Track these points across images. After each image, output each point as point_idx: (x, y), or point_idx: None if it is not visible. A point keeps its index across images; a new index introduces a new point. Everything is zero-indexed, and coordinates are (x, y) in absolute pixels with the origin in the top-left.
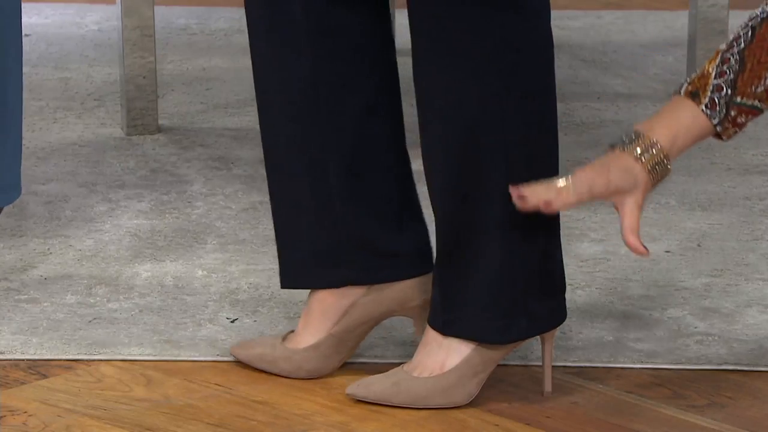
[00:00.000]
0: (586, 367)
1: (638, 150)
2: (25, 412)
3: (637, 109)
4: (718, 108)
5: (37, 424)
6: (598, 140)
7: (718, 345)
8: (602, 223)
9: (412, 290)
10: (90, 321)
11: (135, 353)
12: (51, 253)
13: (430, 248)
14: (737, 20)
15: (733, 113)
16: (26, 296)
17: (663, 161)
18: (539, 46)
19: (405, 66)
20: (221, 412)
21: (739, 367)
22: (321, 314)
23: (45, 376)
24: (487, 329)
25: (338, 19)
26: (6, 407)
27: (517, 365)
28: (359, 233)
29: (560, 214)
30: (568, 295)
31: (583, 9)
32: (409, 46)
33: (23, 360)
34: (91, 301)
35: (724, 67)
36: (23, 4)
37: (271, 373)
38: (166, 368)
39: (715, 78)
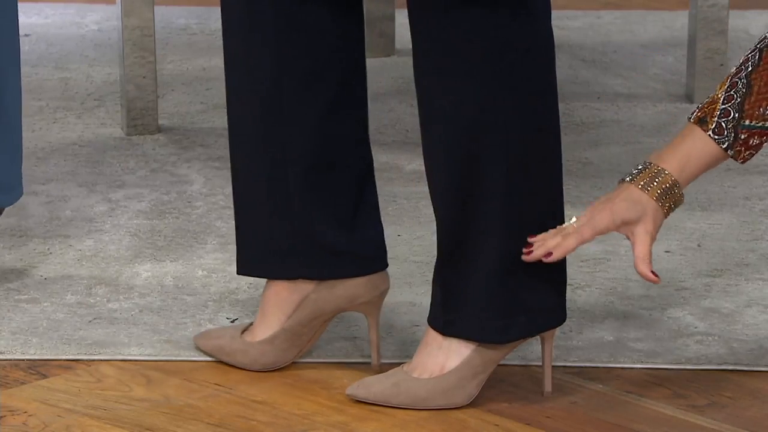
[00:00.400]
0: (586, 367)
1: (644, 180)
2: (25, 412)
3: (637, 109)
4: (725, 133)
5: (37, 424)
6: (598, 140)
7: (718, 345)
8: None
9: (363, 288)
10: (90, 321)
11: (135, 353)
12: (51, 253)
13: (383, 248)
14: (737, 20)
15: (743, 136)
16: (26, 296)
17: (672, 189)
18: (540, 46)
19: (405, 66)
20: (221, 412)
21: (739, 367)
22: (275, 307)
23: (45, 376)
24: (487, 329)
25: (307, 15)
26: (6, 407)
27: (517, 365)
28: (313, 230)
29: (563, 214)
30: (568, 295)
31: (583, 9)
32: (409, 46)
33: (23, 360)
34: (91, 301)
35: (732, 92)
36: (24, 4)
37: (272, 372)
38: (166, 368)
39: (722, 103)
